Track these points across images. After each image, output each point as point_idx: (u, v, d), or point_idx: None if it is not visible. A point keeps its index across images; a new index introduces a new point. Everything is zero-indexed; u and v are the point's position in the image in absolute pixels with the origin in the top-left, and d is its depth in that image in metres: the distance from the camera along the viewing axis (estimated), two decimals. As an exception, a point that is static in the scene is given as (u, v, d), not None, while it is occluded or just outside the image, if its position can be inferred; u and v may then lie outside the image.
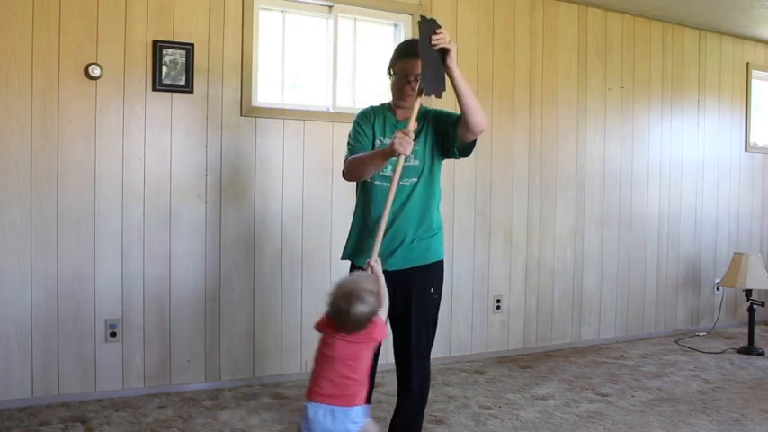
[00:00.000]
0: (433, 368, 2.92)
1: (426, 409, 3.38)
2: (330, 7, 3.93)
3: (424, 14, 2.44)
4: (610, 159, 4.96)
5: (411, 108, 2.50)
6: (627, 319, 5.09)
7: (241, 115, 3.70)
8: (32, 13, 3.23)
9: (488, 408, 3.46)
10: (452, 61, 2.40)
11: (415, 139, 2.47)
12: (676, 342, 5.02)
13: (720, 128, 5.57)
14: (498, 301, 4.51)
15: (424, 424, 3.19)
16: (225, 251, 3.69)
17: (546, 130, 4.66)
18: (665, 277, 5.29)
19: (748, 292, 4.86)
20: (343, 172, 2.64)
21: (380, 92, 4.18)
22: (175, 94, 3.54)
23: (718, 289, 5.52)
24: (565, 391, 3.77)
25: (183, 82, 3.53)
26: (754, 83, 5.75)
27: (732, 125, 5.64)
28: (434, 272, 2.64)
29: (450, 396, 3.64)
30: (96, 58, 3.35)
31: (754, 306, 4.82)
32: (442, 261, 2.68)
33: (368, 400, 2.25)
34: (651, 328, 5.22)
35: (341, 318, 2.02)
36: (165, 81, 3.49)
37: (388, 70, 2.66)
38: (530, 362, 4.38)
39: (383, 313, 2.16)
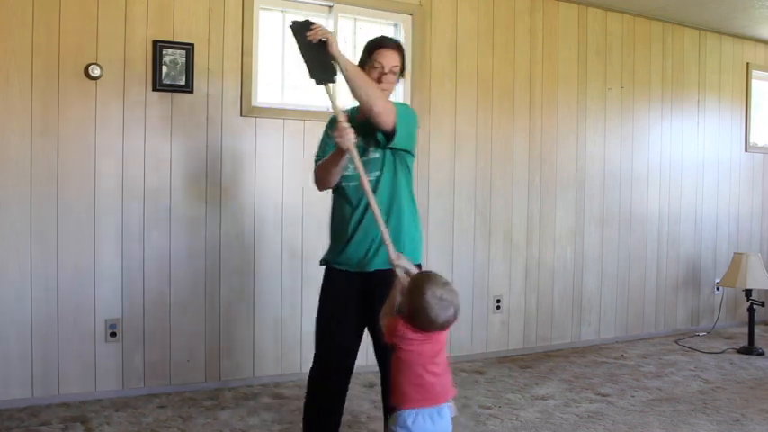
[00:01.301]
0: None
1: (426, 409, 3.39)
2: (330, 7, 3.93)
3: (296, 20, 2.41)
4: (610, 159, 4.96)
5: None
6: (627, 319, 5.09)
7: (241, 115, 3.70)
8: (32, 13, 3.23)
9: (488, 408, 3.46)
10: (333, 48, 2.35)
11: (360, 131, 2.41)
12: (676, 342, 5.02)
13: (720, 128, 5.57)
14: (498, 301, 4.51)
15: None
16: (225, 251, 3.69)
17: (546, 130, 4.66)
18: (665, 277, 5.29)
19: (748, 292, 4.86)
20: (315, 183, 2.59)
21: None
22: (175, 94, 3.54)
23: (718, 289, 5.52)
24: (565, 391, 3.77)
25: (182, 82, 3.53)
26: (754, 83, 5.75)
27: (732, 125, 5.64)
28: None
29: (450, 396, 3.64)
30: (96, 58, 3.36)
31: (754, 306, 4.82)
32: (418, 265, 2.49)
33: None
34: (651, 328, 5.22)
35: (441, 326, 1.92)
36: (165, 81, 3.49)
37: (362, 64, 2.55)
38: (530, 362, 4.38)
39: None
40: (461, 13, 4.32)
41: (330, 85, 2.40)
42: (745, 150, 5.71)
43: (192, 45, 3.55)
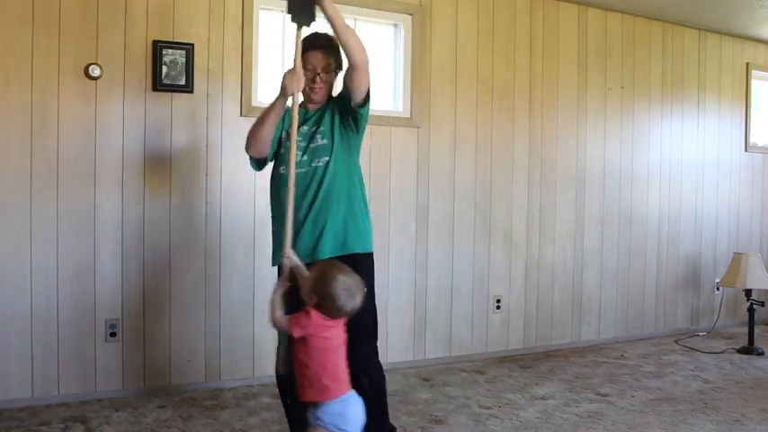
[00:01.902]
0: (433, 368, 2.94)
1: (426, 409, 3.40)
2: (330, 7, 3.92)
3: None
4: (610, 159, 4.96)
5: (324, 98, 2.54)
6: (627, 319, 5.09)
7: (241, 115, 3.70)
8: (32, 13, 3.23)
9: (488, 408, 3.46)
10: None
11: (319, 122, 2.49)
12: (676, 342, 5.02)
13: (720, 128, 5.57)
14: (498, 300, 4.51)
15: (424, 424, 3.20)
16: (225, 251, 3.68)
17: (546, 130, 4.66)
18: (666, 277, 5.29)
19: (748, 292, 4.86)
20: (246, 146, 2.54)
21: (381, 92, 4.18)
22: (175, 94, 3.54)
23: (718, 289, 5.52)
24: (565, 391, 3.77)
25: (183, 82, 3.53)
26: (754, 83, 5.75)
27: (732, 125, 5.63)
28: (362, 267, 2.41)
29: (451, 396, 3.64)
30: (96, 58, 3.35)
31: (754, 306, 4.82)
32: (371, 254, 2.57)
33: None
34: (651, 327, 5.22)
35: (344, 312, 2.03)
36: (165, 81, 3.49)
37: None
38: (530, 362, 4.38)
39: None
40: (461, 13, 4.32)
41: (303, 28, 2.41)
42: (745, 150, 5.71)
43: (192, 45, 3.55)
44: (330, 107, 2.58)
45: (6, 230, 3.22)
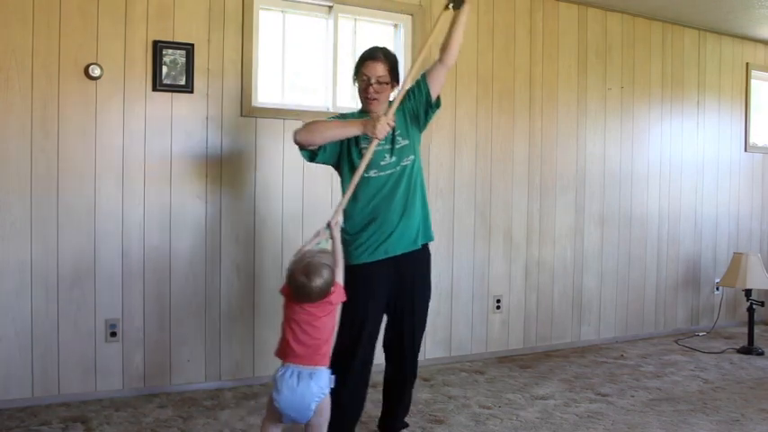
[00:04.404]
0: (433, 368, 2.96)
1: (426, 409, 3.40)
2: (330, 7, 3.93)
3: None
4: (610, 159, 4.96)
5: (383, 107, 2.70)
6: (627, 319, 5.09)
7: (241, 115, 3.70)
8: (32, 13, 3.23)
9: (488, 408, 3.46)
10: None
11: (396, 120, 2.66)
12: (676, 342, 5.02)
13: (720, 128, 5.57)
14: (498, 300, 4.51)
15: (424, 424, 3.20)
16: (225, 251, 3.69)
17: (546, 131, 4.67)
18: (665, 277, 5.29)
19: (748, 292, 4.86)
20: (295, 133, 2.64)
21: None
22: (175, 94, 3.54)
23: (717, 289, 5.52)
24: (565, 391, 3.77)
25: (183, 82, 3.54)
26: (754, 83, 5.75)
27: (732, 125, 5.64)
28: (428, 252, 2.89)
29: (451, 396, 3.64)
30: (96, 58, 3.36)
31: (754, 306, 4.82)
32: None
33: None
34: (651, 327, 5.22)
35: (302, 291, 2.21)
36: (165, 81, 3.49)
37: (353, 77, 2.77)
38: (530, 362, 4.38)
39: (339, 278, 2.34)
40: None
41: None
42: (745, 150, 5.72)
43: (192, 45, 3.55)
44: (399, 107, 2.71)
45: (6, 230, 3.22)
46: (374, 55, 2.70)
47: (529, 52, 4.58)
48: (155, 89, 3.49)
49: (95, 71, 3.33)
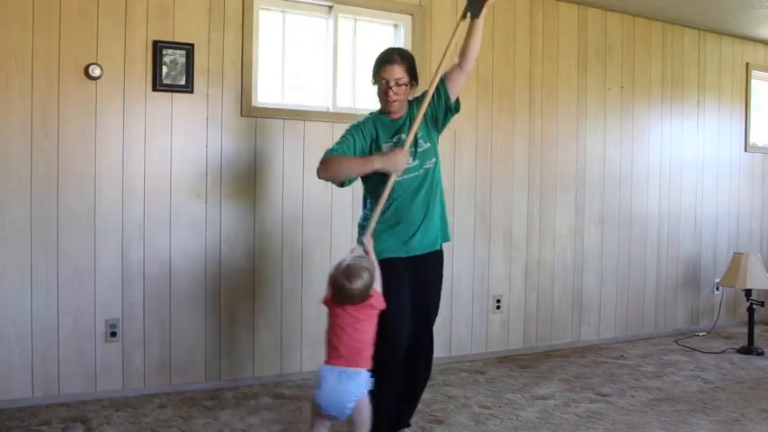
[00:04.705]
0: (433, 368, 2.97)
1: (426, 409, 3.40)
2: (330, 7, 3.93)
3: None
4: (610, 159, 4.96)
5: (404, 106, 2.76)
6: (627, 319, 5.09)
7: (241, 115, 3.70)
8: (32, 13, 3.23)
9: (488, 408, 3.46)
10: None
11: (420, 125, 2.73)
12: (676, 342, 5.02)
13: (720, 128, 5.57)
14: (498, 300, 4.51)
15: (424, 424, 3.20)
16: (225, 251, 3.69)
17: (546, 131, 4.67)
18: (665, 277, 5.29)
19: (748, 292, 4.86)
20: (318, 171, 2.71)
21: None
22: (175, 94, 3.54)
23: (717, 289, 5.52)
24: (565, 391, 3.77)
25: (183, 82, 3.53)
26: (754, 83, 5.75)
27: (732, 125, 5.64)
28: (443, 254, 2.95)
29: (451, 396, 3.64)
30: (96, 58, 3.36)
31: (754, 306, 4.82)
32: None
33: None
34: (651, 327, 5.22)
35: (343, 293, 2.35)
36: (165, 81, 3.49)
37: (372, 80, 2.80)
38: (530, 362, 4.38)
39: (378, 286, 2.47)
40: (461, 13, 4.30)
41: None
42: (745, 150, 5.72)
43: (192, 45, 3.55)
44: (418, 110, 2.74)
45: (6, 230, 3.22)
46: (391, 58, 2.73)
47: (529, 52, 4.58)
48: (155, 89, 3.49)
49: (95, 71, 3.33)
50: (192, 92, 3.57)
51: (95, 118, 3.38)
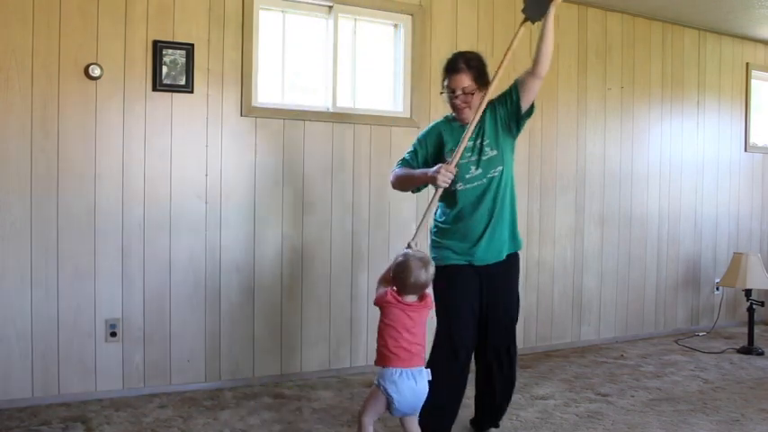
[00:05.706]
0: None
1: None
2: (330, 7, 3.93)
3: None
4: (610, 159, 4.96)
5: (471, 114, 2.70)
6: (627, 319, 5.09)
7: (241, 115, 3.70)
8: (32, 13, 3.23)
9: (488, 408, 3.46)
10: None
11: (482, 132, 2.71)
12: (676, 342, 5.02)
13: (720, 128, 5.57)
14: (498, 301, 4.50)
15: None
16: (225, 251, 3.68)
17: (546, 131, 4.66)
18: (665, 277, 5.29)
19: (748, 292, 4.86)
20: (392, 185, 2.90)
21: (381, 92, 4.19)
22: (175, 94, 3.54)
23: (717, 289, 5.52)
24: (565, 391, 3.77)
25: (183, 82, 3.53)
26: (754, 83, 5.75)
27: (732, 125, 5.64)
28: (518, 262, 2.94)
29: (450, 396, 3.63)
30: (96, 58, 3.36)
31: (754, 306, 4.82)
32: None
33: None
34: (651, 327, 5.22)
35: (418, 280, 2.39)
36: (165, 81, 3.49)
37: (441, 88, 2.79)
38: (530, 362, 4.38)
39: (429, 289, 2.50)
40: (461, 13, 4.32)
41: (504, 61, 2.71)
42: (745, 150, 5.71)
43: (192, 45, 3.55)
44: (490, 115, 2.73)
45: (6, 230, 3.22)
46: (457, 67, 2.70)
47: (529, 52, 4.56)
48: (155, 89, 3.49)
49: (95, 71, 3.33)
50: (191, 92, 3.57)
51: (95, 118, 3.38)
